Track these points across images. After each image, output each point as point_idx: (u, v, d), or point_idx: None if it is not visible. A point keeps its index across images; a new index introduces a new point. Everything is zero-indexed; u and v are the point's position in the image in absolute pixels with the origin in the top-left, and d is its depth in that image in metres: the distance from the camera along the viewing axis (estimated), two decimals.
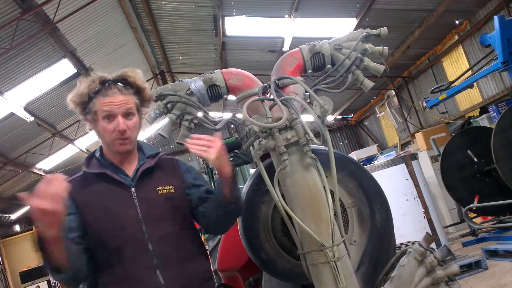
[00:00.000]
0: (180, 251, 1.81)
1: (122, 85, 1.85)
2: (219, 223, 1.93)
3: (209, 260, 2.00)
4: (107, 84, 1.83)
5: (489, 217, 7.26)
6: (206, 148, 1.78)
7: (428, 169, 8.67)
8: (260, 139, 1.86)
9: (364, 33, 1.99)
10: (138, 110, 1.89)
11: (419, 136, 10.43)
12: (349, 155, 9.19)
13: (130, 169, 1.90)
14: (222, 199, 1.83)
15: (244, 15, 10.34)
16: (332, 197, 1.86)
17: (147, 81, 14.49)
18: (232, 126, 2.08)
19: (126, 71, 1.89)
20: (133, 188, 1.84)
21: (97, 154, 1.92)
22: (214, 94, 2.05)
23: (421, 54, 12.88)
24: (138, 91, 1.89)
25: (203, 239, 5.37)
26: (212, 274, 1.97)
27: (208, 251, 7.32)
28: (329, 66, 2.04)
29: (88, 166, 1.91)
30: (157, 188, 1.86)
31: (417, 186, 5.38)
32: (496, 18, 5.81)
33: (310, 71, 2.06)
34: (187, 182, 1.95)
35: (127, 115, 1.83)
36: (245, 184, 2.25)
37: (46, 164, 15.56)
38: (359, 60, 1.96)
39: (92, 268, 1.77)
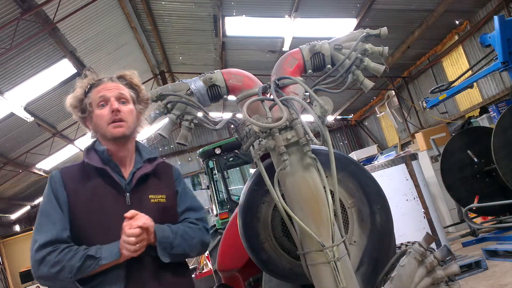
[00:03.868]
0: (166, 265, 1.76)
1: (117, 79, 1.90)
2: None
3: (190, 272, 1.97)
4: (101, 80, 1.88)
5: (489, 217, 7.27)
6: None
7: (428, 169, 8.68)
8: (260, 139, 1.86)
9: (364, 33, 1.98)
10: (134, 103, 1.89)
11: (419, 136, 10.43)
12: (349, 155, 9.20)
13: (126, 171, 1.86)
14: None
15: (244, 15, 10.35)
16: (332, 197, 1.86)
17: (147, 81, 14.57)
18: (232, 126, 2.08)
19: (124, 71, 1.93)
20: (127, 194, 1.79)
21: (98, 147, 1.86)
22: (214, 94, 2.04)
23: (421, 54, 12.89)
24: (134, 88, 1.92)
25: None
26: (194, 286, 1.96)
27: (208, 252, 7.31)
28: (329, 66, 2.03)
29: (89, 158, 1.84)
30: (149, 196, 1.82)
31: (417, 186, 5.38)
32: (496, 18, 5.82)
33: (310, 71, 2.06)
34: (176, 190, 1.94)
35: (121, 100, 1.83)
36: (245, 184, 2.24)
37: (46, 164, 15.57)
38: (359, 60, 1.96)
39: None
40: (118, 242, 1.66)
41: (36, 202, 19.68)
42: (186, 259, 1.96)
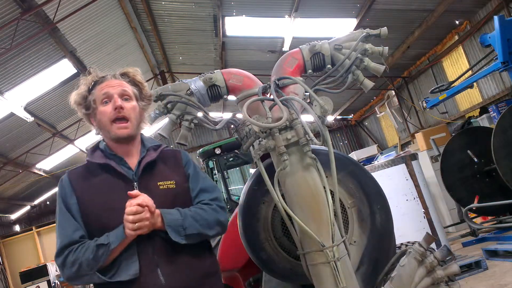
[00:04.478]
0: (179, 247, 1.77)
1: (120, 76, 1.92)
2: None
3: (213, 254, 1.94)
4: (105, 77, 1.91)
5: (489, 217, 7.26)
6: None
7: (428, 169, 8.67)
8: (260, 139, 1.86)
9: (364, 33, 1.98)
10: (137, 100, 1.90)
11: (419, 136, 10.43)
12: (349, 155, 9.19)
13: (133, 162, 1.87)
14: None
15: (244, 15, 10.34)
16: (332, 197, 1.86)
17: (147, 81, 14.57)
18: (232, 126, 2.08)
19: (127, 68, 1.95)
20: (135, 183, 1.81)
21: (101, 145, 1.90)
22: (214, 94, 2.04)
23: (421, 54, 12.89)
24: (137, 85, 1.93)
25: None
26: (217, 269, 1.92)
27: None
28: (329, 66, 2.03)
29: (92, 156, 1.88)
30: (158, 183, 1.83)
31: (417, 186, 5.37)
32: (496, 18, 5.81)
33: (310, 71, 2.06)
34: (187, 175, 1.94)
35: (124, 97, 1.85)
36: (245, 184, 2.25)
37: (46, 164, 15.57)
38: (359, 60, 1.96)
39: None
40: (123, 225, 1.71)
41: (36, 202, 19.69)
42: (208, 240, 1.95)
